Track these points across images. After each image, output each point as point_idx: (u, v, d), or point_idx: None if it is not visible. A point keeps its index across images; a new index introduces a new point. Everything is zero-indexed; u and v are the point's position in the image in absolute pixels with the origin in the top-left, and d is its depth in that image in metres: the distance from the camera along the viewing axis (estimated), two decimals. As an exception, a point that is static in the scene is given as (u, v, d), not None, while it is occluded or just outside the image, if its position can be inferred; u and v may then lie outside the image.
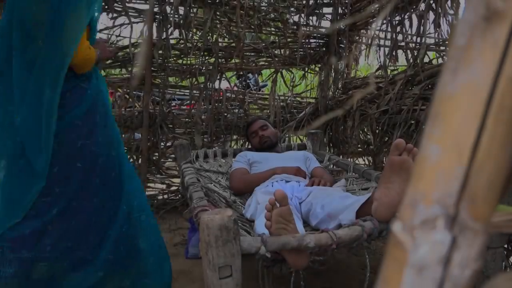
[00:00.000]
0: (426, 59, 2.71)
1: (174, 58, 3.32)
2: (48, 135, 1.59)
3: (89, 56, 1.66)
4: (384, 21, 3.03)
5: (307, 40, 3.62)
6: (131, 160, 3.22)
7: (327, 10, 3.61)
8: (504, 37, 0.22)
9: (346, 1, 3.51)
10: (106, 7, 3.04)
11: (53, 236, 1.64)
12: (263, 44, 3.46)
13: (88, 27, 1.69)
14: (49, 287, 1.66)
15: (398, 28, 2.95)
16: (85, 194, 1.69)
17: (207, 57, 3.42)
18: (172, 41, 3.24)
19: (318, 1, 3.51)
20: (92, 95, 1.72)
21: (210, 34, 3.26)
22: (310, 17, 3.59)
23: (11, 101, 1.61)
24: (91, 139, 1.70)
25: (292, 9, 3.48)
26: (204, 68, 3.36)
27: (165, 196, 3.43)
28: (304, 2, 3.46)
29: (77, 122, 1.67)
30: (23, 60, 1.58)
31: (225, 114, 3.51)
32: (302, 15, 3.52)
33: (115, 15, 3.08)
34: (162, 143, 3.37)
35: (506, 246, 1.83)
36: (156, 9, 3.09)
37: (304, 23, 3.56)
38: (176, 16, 3.10)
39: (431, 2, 2.57)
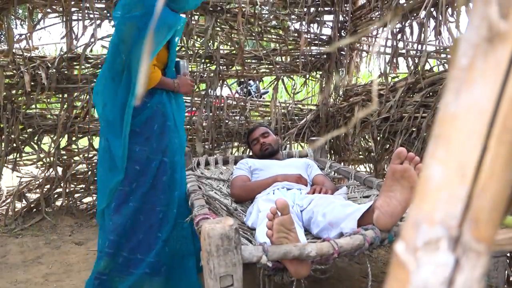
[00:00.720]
0: (427, 67, 2.72)
1: (176, 65, 3.33)
2: (125, 138, 1.84)
3: (150, 75, 1.86)
4: (385, 29, 3.04)
5: (308, 47, 3.63)
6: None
7: (328, 17, 3.63)
8: (506, 59, 0.22)
9: (347, 9, 3.53)
10: (108, 15, 3.06)
11: (110, 230, 1.86)
12: (264, 52, 3.47)
13: (167, 50, 1.95)
14: (103, 282, 1.86)
15: (399, 36, 2.96)
16: (138, 194, 1.88)
17: (208, 64, 3.43)
18: (173, 49, 3.25)
19: (319, 9, 3.52)
20: (152, 107, 1.91)
21: (211, 42, 3.27)
22: (311, 25, 3.60)
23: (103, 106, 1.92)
24: (147, 145, 1.90)
25: (293, 16, 3.49)
26: (205, 75, 3.36)
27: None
28: (305, 9, 3.47)
29: (136, 129, 1.88)
30: (111, 70, 1.87)
31: (226, 121, 3.51)
32: (303, 22, 3.53)
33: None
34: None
35: (508, 255, 1.82)
36: (157, 17, 3.10)
37: (305, 30, 3.57)
38: (178, 23, 3.11)
39: (432, 9, 2.58)
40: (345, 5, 3.54)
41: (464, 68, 0.23)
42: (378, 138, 2.99)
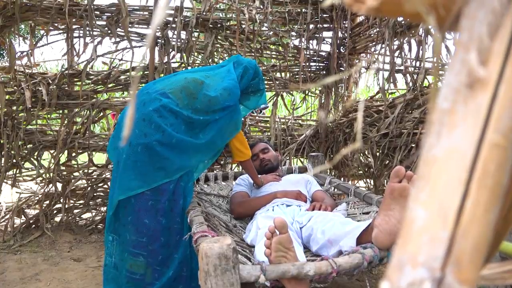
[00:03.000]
0: (425, 83, 2.74)
1: (176, 82, 3.35)
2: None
3: (242, 150, 2.30)
4: (384, 46, 3.07)
5: (307, 63, 3.66)
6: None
7: (327, 34, 3.67)
8: (486, 104, 0.22)
9: (346, 26, 3.56)
10: (109, 31, 3.09)
11: (129, 244, 1.95)
12: (264, 68, 3.50)
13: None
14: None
15: (397, 53, 2.98)
16: (155, 212, 1.96)
17: (208, 81, 3.44)
18: (174, 65, 3.28)
19: (318, 26, 3.56)
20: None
21: (211, 58, 3.30)
22: (311, 41, 3.64)
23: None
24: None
25: (292, 33, 3.53)
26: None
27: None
28: (304, 26, 3.51)
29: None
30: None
31: (226, 136, 3.51)
32: (303, 39, 3.57)
33: (117, 39, 3.13)
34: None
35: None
36: (158, 34, 3.14)
37: (305, 47, 3.60)
38: (178, 40, 3.14)
39: (430, 27, 2.60)
40: (344, 22, 3.58)
41: (445, 111, 0.23)
42: (378, 154, 2.99)
